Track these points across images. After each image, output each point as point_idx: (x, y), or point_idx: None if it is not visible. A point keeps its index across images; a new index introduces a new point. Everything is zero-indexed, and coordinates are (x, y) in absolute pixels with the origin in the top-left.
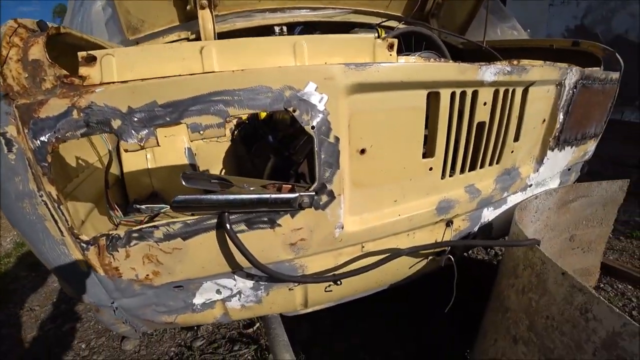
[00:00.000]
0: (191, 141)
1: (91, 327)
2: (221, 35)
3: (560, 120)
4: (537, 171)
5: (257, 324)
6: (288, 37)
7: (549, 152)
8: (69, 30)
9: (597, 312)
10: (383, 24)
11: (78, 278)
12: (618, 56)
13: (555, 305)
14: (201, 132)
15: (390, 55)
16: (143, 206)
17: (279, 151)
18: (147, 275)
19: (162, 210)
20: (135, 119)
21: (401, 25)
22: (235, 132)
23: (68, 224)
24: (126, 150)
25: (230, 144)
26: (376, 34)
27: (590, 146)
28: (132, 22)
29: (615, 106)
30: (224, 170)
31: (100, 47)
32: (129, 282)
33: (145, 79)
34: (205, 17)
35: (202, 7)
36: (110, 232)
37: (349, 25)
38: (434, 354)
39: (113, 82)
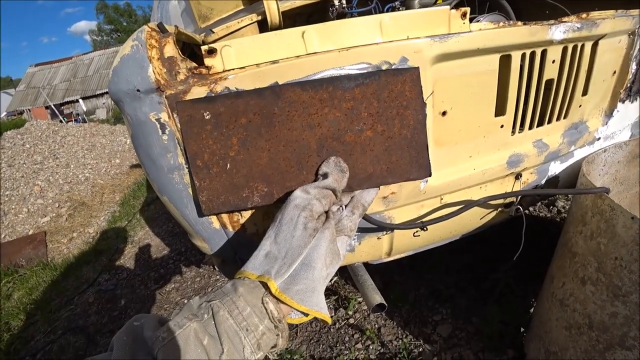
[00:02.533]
0: None
1: (189, 286)
2: (284, 14)
3: (633, 71)
4: (606, 124)
5: (335, 278)
6: (374, 17)
7: (619, 105)
8: (179, 29)
9: None
10: None
11: (211, 234)
12: None
13: (625, 247)
14: None
15: (464, 23)
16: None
17: None
18: (266, 229)
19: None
20: None
21: None
22: None
23: None
24: None
25: None
26: (450, 5)
27: None
28: (202, 11)
29: None
30: None
31: (190, 39)
32: (251, 236)
33: (259, 64)
34: None
35: None
36: None
37: None
38: (496, 300)
39: (233, 69)
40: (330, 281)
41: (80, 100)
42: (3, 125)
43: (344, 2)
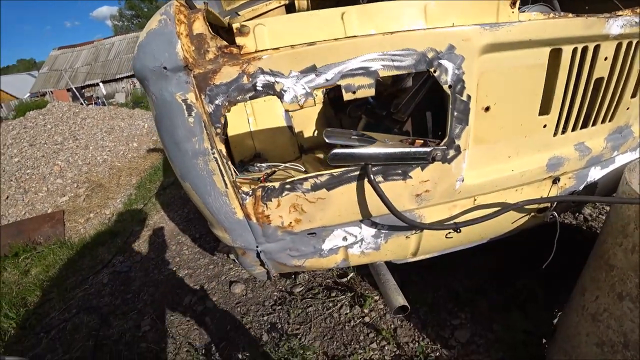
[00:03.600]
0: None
1: (202, 273)
2: None
3: None
4: None
5: (351, 274)
6: (417, 1)
7: None
8: (209, 7)
9: None
10: None
11: (233, 225)
12: None
13: None
14: (354, 92)
15: (513, 12)
16: (259, 165)
17: (374, 111)
18: (290, 222)
19: (278, 169)
20: (296, 82)
21: None
22: (326, 95)
23: (233, 178)
24: (287, 111)
25: (322, 106)
26: None
27: None
28: None
29: None
30: (316, 132)
31: (217, 19)
32: (274, 229)
33: (294, 45)
34: None
35: None
36: (267, 184)
37: None
38: (519, 307)
39: (266, 50)
40: (346, 277)
41: (101, 84)
42: (26, 106)
43: None
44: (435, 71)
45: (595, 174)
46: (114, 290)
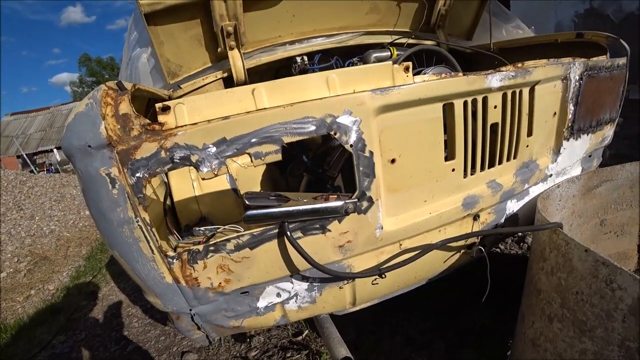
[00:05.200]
0: (255, 166)
1: (152, 346)
2: (250, 70)
3: (572, 111)
4: (556, 161)
5: (306, 332)
6: (321, 73)
7: (564, 142)
8: (139, 85)
9: (621, 282)
10: (394, 42)
11: (163, 289)
12: (623, 42)
13: (583, 281)
14: (262, 158)
15: (407, 76)
16: (201, 228)
17: (312, 169)
18: (220, 283)
19: (217, 231)
20: (210, 153)
21: (411, 40)
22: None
23: (157, 244)
24: (203, 179)
25: (266, 167)
26: (389, 54)
27: (608, 131)
28: (172, 68)
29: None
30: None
31: (154, 94)
32: (205, 290)
33: (210, 120)
34: (234, 57)
35: (231, 48)
36: (191, 247)
37: (363, 47)
38: (475, 342)
39: (185, 125)
40: (301, 335)
41: (55, 150)
42: None
43: (306, 59)
44: (335, 133)
45: (513, 206)
46: None
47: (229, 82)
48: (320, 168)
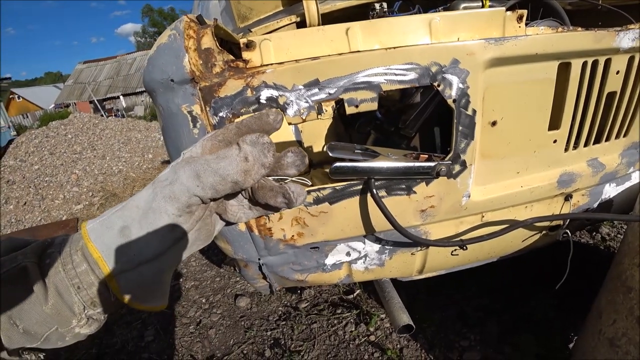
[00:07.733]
0: (347, 115)
1: (208, 285)
2: (324, 16)
3: None
4: None
5: (357, 291)
6: (423, 16)
7: None
8: (219, 23)
9: None
10: None
11: (236, 237)
12: None
13: None
14: (357, 105)
15: (519, 27)
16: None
17: (383, 126)
18: (293, 236)
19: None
20: (300, 95)
21: None
22: (336, 111)
23: None
24: (290, 124)
25: (332, 122)
26: (480, 3)
27: None
28: (242, 10)
29: None
30: (325, 147)
31: (229, 36)
32: (276, 242)
33: (299, 60)
34: (308, 0)
35: None
36: None
37: None
38: (531, 329)
39: (271, 64)
40: (352, 294)
41: (121, 97)
42: (49, 116)
43: (385, 6)
44: (439, 85)
45: (611, 191)
46: None
47: (301, 27)
48: (392, 126)
